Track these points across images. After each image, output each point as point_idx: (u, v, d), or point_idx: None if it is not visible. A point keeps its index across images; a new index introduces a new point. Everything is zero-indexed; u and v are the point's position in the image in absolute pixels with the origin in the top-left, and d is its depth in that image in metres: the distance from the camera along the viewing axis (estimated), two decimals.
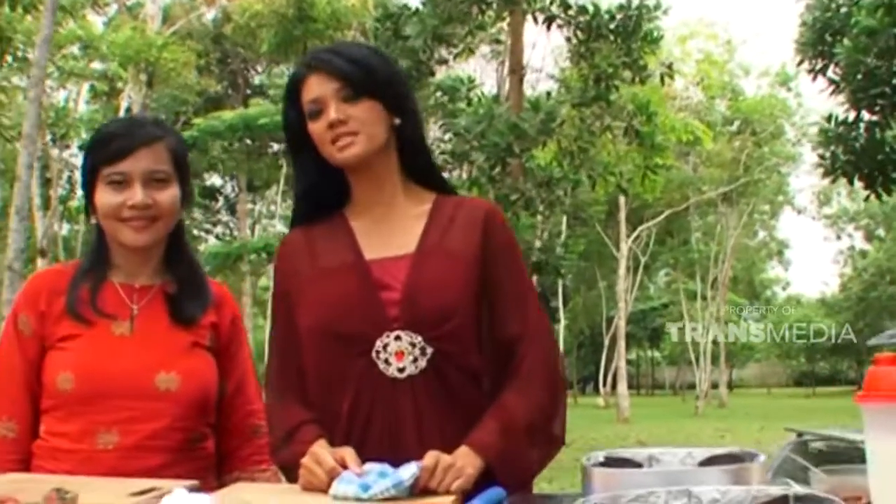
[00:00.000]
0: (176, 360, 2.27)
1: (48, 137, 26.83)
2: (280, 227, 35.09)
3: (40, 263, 27.55)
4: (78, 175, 33.36)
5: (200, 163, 28.15)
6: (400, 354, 2.06)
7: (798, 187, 56.67)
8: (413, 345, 2.06)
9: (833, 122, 12.02)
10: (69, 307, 2.25)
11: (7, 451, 2.24)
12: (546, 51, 39.71)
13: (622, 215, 32.15)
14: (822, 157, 12.11)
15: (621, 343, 33.89)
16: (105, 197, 2.23)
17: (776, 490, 1.29)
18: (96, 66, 24.54)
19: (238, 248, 25.88)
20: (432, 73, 15.79)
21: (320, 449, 1.95)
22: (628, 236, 34.13)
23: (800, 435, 7.62)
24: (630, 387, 35.39)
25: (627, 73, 13.83)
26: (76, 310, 2.25)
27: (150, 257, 2.34)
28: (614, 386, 36.30)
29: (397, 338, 2.06)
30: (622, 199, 29.95)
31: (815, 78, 12.42)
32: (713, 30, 33.75)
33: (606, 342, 40.67)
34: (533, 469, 2.14)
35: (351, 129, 2.07)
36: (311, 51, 2.28)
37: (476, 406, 2.09)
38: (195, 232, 37.62)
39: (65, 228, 33.40)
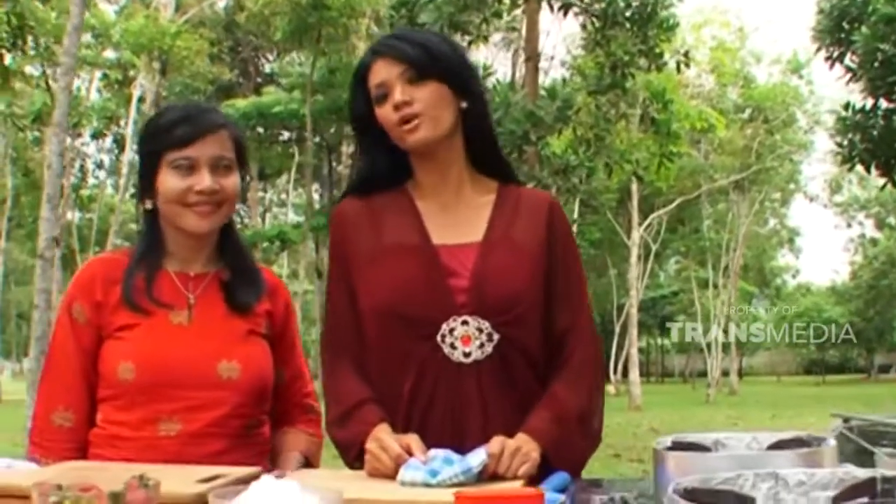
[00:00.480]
0: (235, 349, 2.28)
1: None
2: (292, 216, 35.12)
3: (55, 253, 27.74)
4: (90, 164, 33.62)
5: None
6: (467, 339, 2.09)
7: (810, 175, 56.53)
8: (480, 330, 2.09)
9: (850, 110, 12.01)
10: (125, 297, 2.25)
11: (64, 439, 2.25)
12: (558, 38, 39.70)
13: (634, 203, 32.09)
14: (839, 144, 12.09)
15: (633, 331, 33.85)
16: (171, 181, 2.22)
17: (863, 472, 1.31)
18: (109, 54, 24.57)
19: (251, 236, 25.91)
20: None
21: (386, 436, 1.97)
22: (640, 224, 34.09)
23: (846, 420, 7.63)
24: (640, 374, 35.36)
25: (643, 61, 13.82)
26: (133, 300, 2.25)
27: (205, 244, 2.35)
28: (625, 373, 36.31)
29: (464, 322, 2.09)
30: (634, 187, 29.92)
31: (832, 66, 12.39)
32: (726, 17, 33.74)
33: (617, 330, 40.64)
34: (584, 459, 2.18)
35: (416, 110, 2.10)
36: (379, 38, 2.31)
37: (534, 393, 2.14)
38: None
39: (76, 217, 33.44)
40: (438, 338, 2.10)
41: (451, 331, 2.09)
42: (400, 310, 2.12)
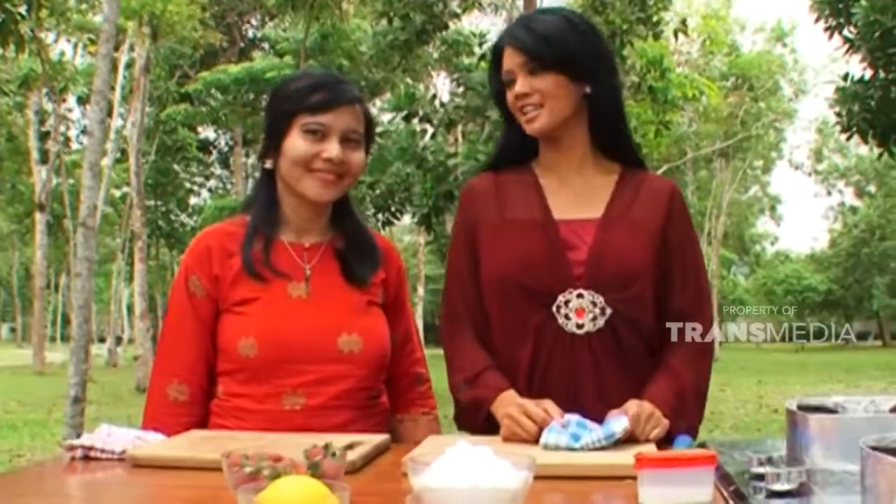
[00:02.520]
0: (355, 321, 2.29)
1: (44, 91, 26.60)
2: None
3: (38, 217, 27.52)
4: (74, 131, 33.32)
5: (197, 116, 28.03)
6: (581, 311, 2.16)
7: (794, 143, 56.74)
8: (594, 303, 2.16)
9: (849, 81, 12.09)
10: (246, 266, 2.25)
11: (179, 413, 2.25)
12: (554, 5, 39.47)
13: None
14: (838, 114, 12.17)
15: None
16: (300, 144, 2.23)
17: None
18: (98, 18, 24.32)
19: (233, 201, 25.75)
20: (446, 27, 15.74)
21: (527, 401, 2.03)
22: None
23: None
24: None
25: (641, 29, 13.82)
26: (253, 269, 2.25)
27: (322, 213, 2.37)
28: None
29: (579, 295, 2.16)
30: None
31: (830, 36, 12.43)
32: None
33: None
34: (696, 431, 2.26)
35: (535, 101, 2.20)
36: (511, 23, 2.40)
37: (645, 366, 2.21)
38: (187, 185, 37.51)
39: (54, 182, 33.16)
40: (554, 308, 2.17)
41: (567, 302, 2.17)
42: (519, 279, 2.19)
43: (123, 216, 31.19)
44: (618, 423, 1.89)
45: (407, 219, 17.79)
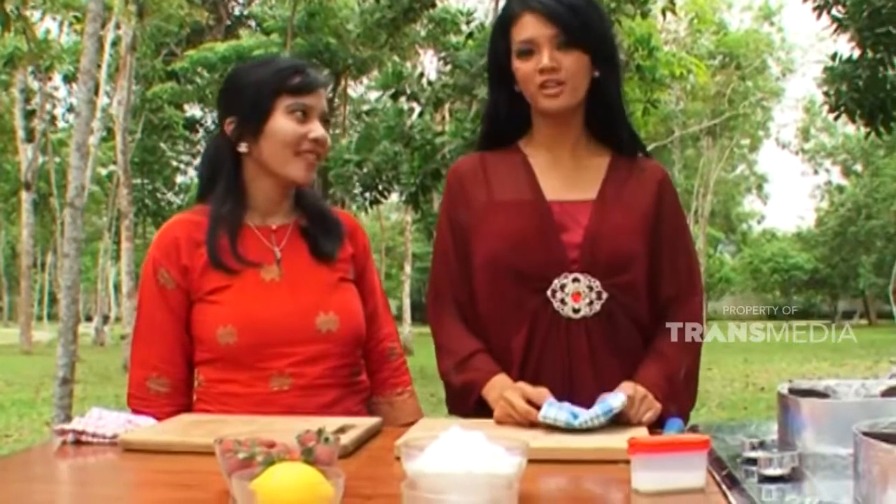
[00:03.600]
0: (330, 300, 2.30)
1: (29, 69, 26.42)
2: None
3: (25, 196, 27.39)
4: (60, 109, 33.14)
5: (184, 94, 27.90)
6: (577, 296, 2.14)
7: (781, 122, 56.81)
8: (590, 288, 2.14)
9: (837, 60, 12.08)
10: (212, 260, 2.24)
11: (162, 404, 2.25)
12: None
13: None
14: (826, 94, 12.16)
15: None
16: (288, 125, 2.23)
17: None
18: None
19: None
20: (433, 5, 15.66)
21: (524, 384, 2.02)
22: None
23: None
24: None
25: (630, 8, 13.77)
26: (221, 261, 2.24)
27: (288, 194, 2.36)
28: None
29: (575, 280, 2.14)
30: None
31: (819, 16, 12.39)
32: None
33: None
34: (688, 415, 2.26)
35: (560, 77, 2.12)
36: None
37: (640, 352, 2.20)
38: (174, 164, 37.36)
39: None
40: (549, 292, 2.15)
41: (563, 286, 2.14)
42: (513, 263, 2.16)
43: (110, 195, 31.08)
44: (615, 398, 1.88)
45: (394, 197, 17.74)
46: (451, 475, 1.29)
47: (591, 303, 2.14)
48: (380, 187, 15.62)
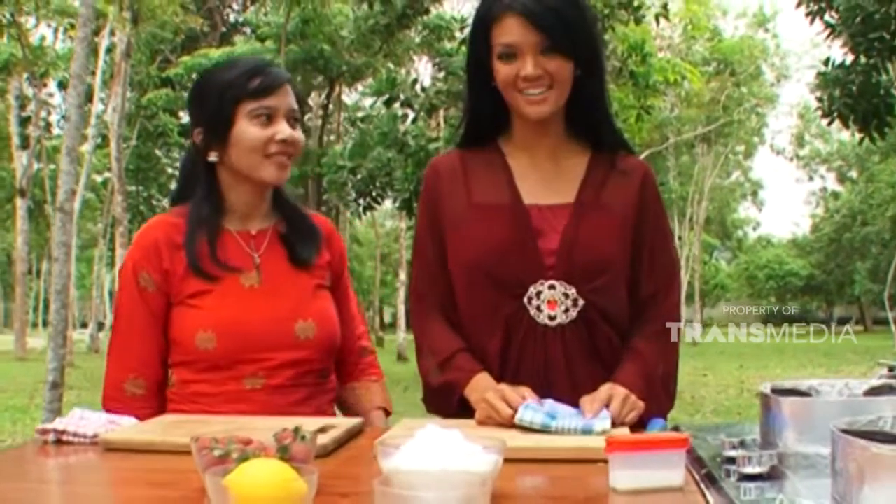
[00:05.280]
0: (309, 307, 2.30)
1: (25, 76, 26.38)
2: None
3: (20, 203, 27.35)
4: (55, 116, 33.08)
5: (178, 101, 27.86)
6: (553, 303, 2.12)
7: (776, 128, 56.90)
8: (566, 295, 2.12)
9: (831, 66, 12.13)
10: (191, 266, 2.24)
11: (138, 406, 2.24)
12: None
13: None
14: (819, 99, 12.21)
15: None
16: (252, 131, 2.21)
17: None
18: (76, 2, 24.14)
19: None
20: (426, 12, 15.70)
21: (505, 386, 2.01)
22: None
23: (892, 369, 7.82)
24: None
25: (623, 14, 13.80)
26: (200, 268, 2.24)
27: (265, 199, 2.36)
28: None
29: (551, 287, 2.12)
30: None
31: (812, 21, 12.46)
32: None
33: None
34: (665, 415, 2.25)
35: (544, 83, 2.08)
36: None
37: (618, 357, 2.18)
38: (169, 171, 37.32)
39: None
40: (525, 299, 2.13)
41: (539, 294, 2.12)
42: (489, 269, 2.15)
43: (105, 201, 31.04)
44: (600, 422, 1.86)
45: (388, 203, 17.75)
46: (425, 472, 1.29)
47: (567, 310, 2.13)
48: (373, 193, 15.66)
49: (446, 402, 2.18)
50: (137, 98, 27.66)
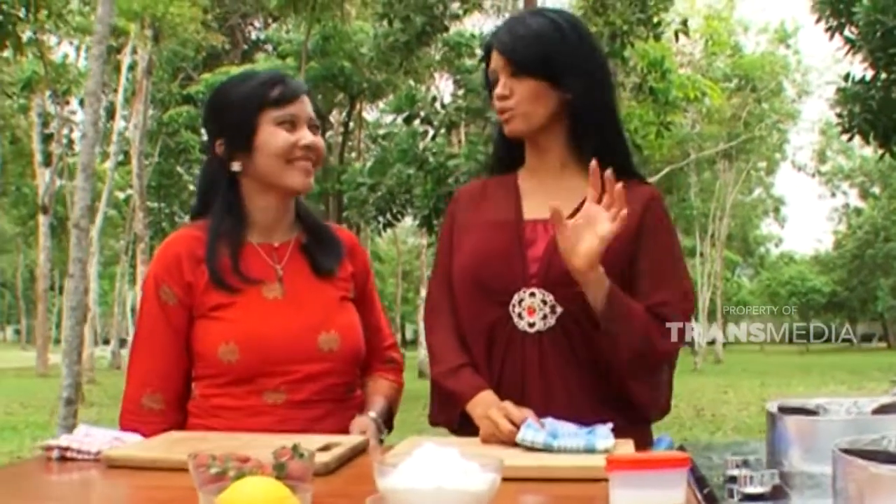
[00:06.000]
0: (332, 319, 2.29)
1: (47, 93, 26.61)
2: None
3: (42, 219, 27.56)
4: (77, 133, 33.31)
5: (200, 118, 28.01)
6: (532, 310, 2.16)
7: (797, 144, 56.75)
8: (545, 302, 2.15)
9: (850, 81, 12.06)
10: (213, 278, 2.23)
11: (154, 421, 2.22)
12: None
13: None
14: (839, 115, 12.14)
15: None
16: (278, 136, 2.23)
17: None
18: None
19: None
20: (446, 29, 15.74)
21: (508, 404, 2.01)
22: None
23: None
24: None
25: (642, 30, 13.80)
26: (222, 280, 2.23)
27: (288, 210, 2.36)
28: None
29: (532, 294, 2.16)
30: None
31: (832, 37, 12.39)
32: None
33: None
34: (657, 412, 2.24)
35: (510, 104, 2.20)
36: (503, 22, 2.39)
37: (597, 368, 2.16)
38: (191, 188, 37.52)
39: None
40: (510, 307, 2.17)
41: (521, 301, 2.17)
42: (475, 275, 2.22)
43: (127, 218, 31.23)
44: (602, 440, 1.85)
45: (409, 220, 17.77)
46: (420, 491, 1.28)
47: (545, 317, 2.15)
48: (394, 210, 15.67)
49: (449, 412, 2.21)
50: (159, 115, 27.86)
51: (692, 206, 40.37)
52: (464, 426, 2.14)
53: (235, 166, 2.28)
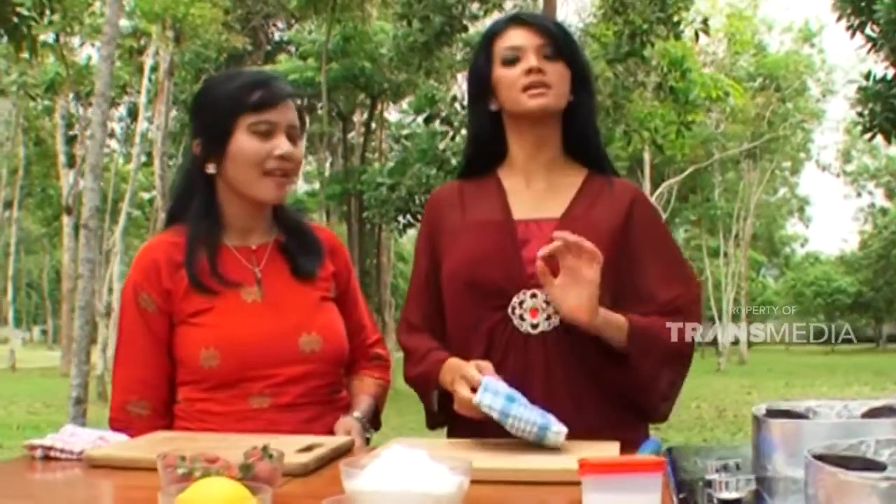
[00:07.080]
0: (313, 320, 2.27)
1: (71, 95, 26.77)
2: (302, 184, 35.11)
3: (66, 220, 27.72)
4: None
5: None
6: (535, 311, 2.14)
7: (822, 144, 56.37)
8: (548, 303, 2.13)
9: (871, 80, 11.96)
10: (192, 281, 2.21)
11: (143, 427, 2.20)
12: (570, 8, 39.33)
13: (646, 172, 31.85)
14: (860, 114, 12.05)
15: None
16: (251, 145, 2.18)
17: None
18: (122, 23, 24.44)
19: None
20: (465, 29, 15.72)
21: (463, 365, 2.03)
22: (651, 193, 33.94)
23: None
24: None
25: (662, 29, 13.75)
26: (201, 283, 2.21)
27: (265, 214, 2.33)
28: None
29: (533, 295, 2.14)
30: (646, 156, 29.78)
31: (853, 35, 12.31)
32: None
33: None
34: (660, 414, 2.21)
35: (546, 80, 2.16)
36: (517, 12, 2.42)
37: (602, 367, 2.15)
38: None
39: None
40: (509, 309, 2.15)
41: (521, 303, 2.15)
42: (471, 278, 2.18)
43: (150, 219, 31.36)
44: (556, 433, 1.85)
45: None
46: (385, 493, 1.26)
47: (548, 317, 2.14)
48: (413, 210, 15.67)
49: (425, 389, 2.21)
50: (182, 116, 27.94)
51: (716, 206, 40.18)
52: (459, 426, 2.13)
53: (210, 168, 2.25)
